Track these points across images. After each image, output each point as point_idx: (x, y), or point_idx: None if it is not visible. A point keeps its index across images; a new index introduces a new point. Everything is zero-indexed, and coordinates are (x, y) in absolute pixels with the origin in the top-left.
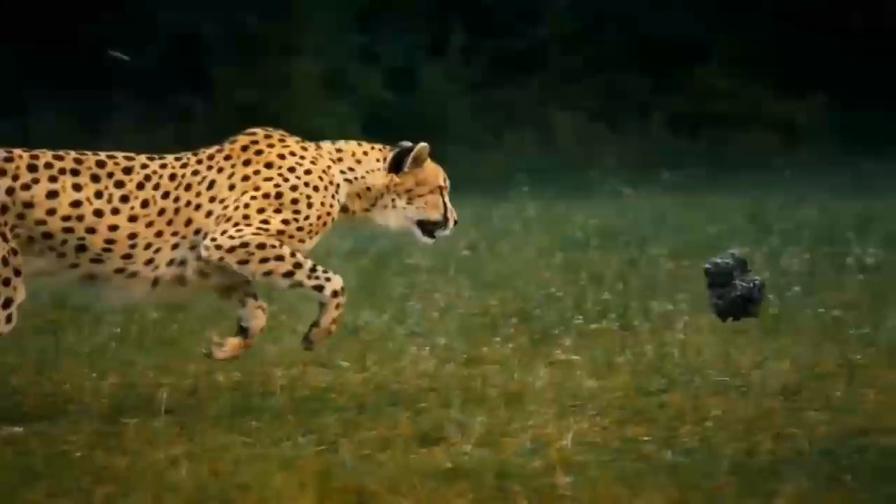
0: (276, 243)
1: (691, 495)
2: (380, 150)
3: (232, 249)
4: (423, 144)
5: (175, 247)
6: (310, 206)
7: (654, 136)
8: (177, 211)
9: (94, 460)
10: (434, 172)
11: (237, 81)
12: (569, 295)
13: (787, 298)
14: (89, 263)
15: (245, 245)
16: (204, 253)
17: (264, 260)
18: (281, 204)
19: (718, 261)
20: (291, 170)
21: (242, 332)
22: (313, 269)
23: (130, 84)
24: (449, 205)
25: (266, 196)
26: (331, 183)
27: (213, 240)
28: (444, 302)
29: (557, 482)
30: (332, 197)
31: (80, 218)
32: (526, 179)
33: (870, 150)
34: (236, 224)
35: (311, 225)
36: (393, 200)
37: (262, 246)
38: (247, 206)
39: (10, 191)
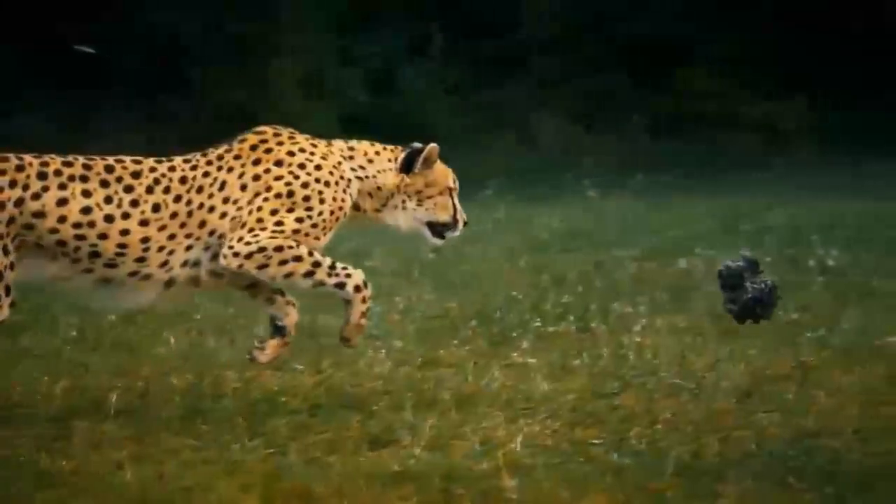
0: (293, 244)
1: (636, 497)
2: (391, 150)
3: (250, 255)
4: (433, 145)
5: (189, 248)
6: (322, 201)
7: (636, 139)
8: (189, 214)
9: (39, 464)
10: (444, 174)
11: (219, 83)
12: (530, 297)
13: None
14: (103, 268)
15: (262, 249)
16: (223, 261)
17: (283, 262)
18: (293, 203)
19: (730, 263)
20: (301, 166)
21: (278, 331)
22: (332, 267)
23: (115, 85)
24: (458, 206)
25: (278, 196)
26: (342, 178)
27: (231, 248)
28: (404, 304)
29: (503, 485)
30: (344, 191)
31: (92, 224)
32: (505, 182)
33: (853, 151)
34: (251, 229)
35: (324, 221)
36: (403, 201)
37: (279, 248)
38: (259, 208)
39: (19, 202)
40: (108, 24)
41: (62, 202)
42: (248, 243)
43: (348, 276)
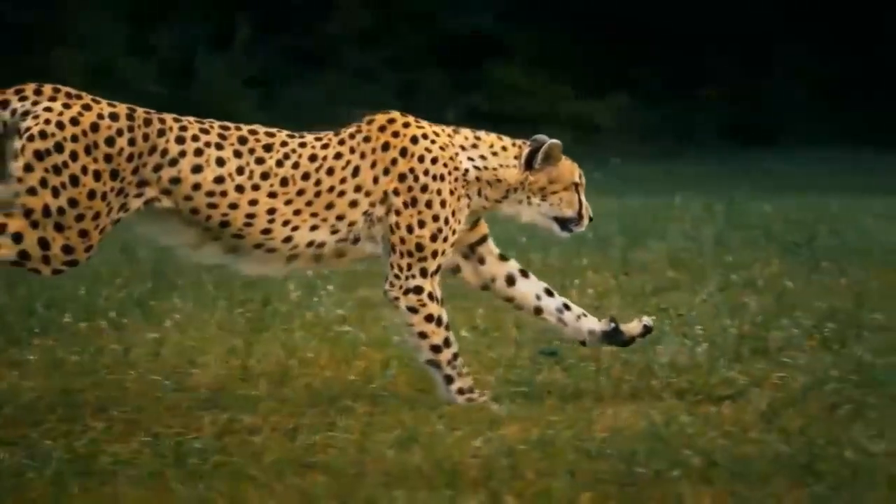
0: (437, 306)
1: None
2: (518, 146)
3: (407, 292)
4: (553, 141)
5: (314, 228)
6: (443, 204)
7: None
8: (317, 194)
9: None
10: (569, 170)
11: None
12: (94, 293)
13: (322, 297)
14: (231, 238)
15: (419, 290)
16: (387, 292)
17: (429, 318)
18: (419, 213)
19: None
20: (421, 159)
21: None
22: (455, 357)
23: None
24: (584, 201)
25: (405, 205)
26: (456, 168)
27: (392, 284)
28: None
29: None
30: (456, 180)
31: (224, 194)
32: None
33: (670, 145)
34: (402, 254)
35: (449, 227)
36: (528, 197)
37: (432, 297)
38: (397, 225)
39: (157, 167)
40: None
41: (197, 169)
42: (407, 278)
43: (460, 375)
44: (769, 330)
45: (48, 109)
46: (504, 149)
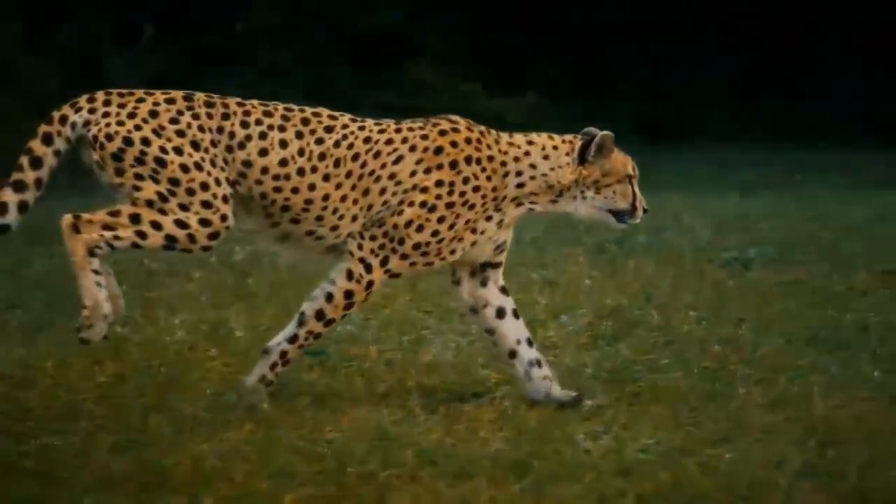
0: (363, 294)
1: None
2: (569, 142)
3: (362, 259)
4: (605, 133)
5: (354, 219)
6: (451, 227)
7: None
8: (360, 177)
9: None
10: (622, 162)
11: None
12: None
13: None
14: (288, 223)
15: (368, 268)
16: (349, 244)
17: (348, 294)
18: (427, 219)
19: None
20: (466, 181)
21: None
22: (316, 337)
23: None
24: (638, 193)
25: (423, 205)
26: (494, 199)
27: (361, 237)
28: None
29: None
30: (485, 209)
31: (287, 177)
32: None
33: None
34: (386, 232)
35: (437, 250)
36: (582, 192)
37: (369, 285)
38: (402, 213)
39: (229, 149)
40: None
41: (263, 153)
42: (373, 252)
43: (301, 346)
44: (545, 328)
45: (105, 114)
46: (555, 148)
